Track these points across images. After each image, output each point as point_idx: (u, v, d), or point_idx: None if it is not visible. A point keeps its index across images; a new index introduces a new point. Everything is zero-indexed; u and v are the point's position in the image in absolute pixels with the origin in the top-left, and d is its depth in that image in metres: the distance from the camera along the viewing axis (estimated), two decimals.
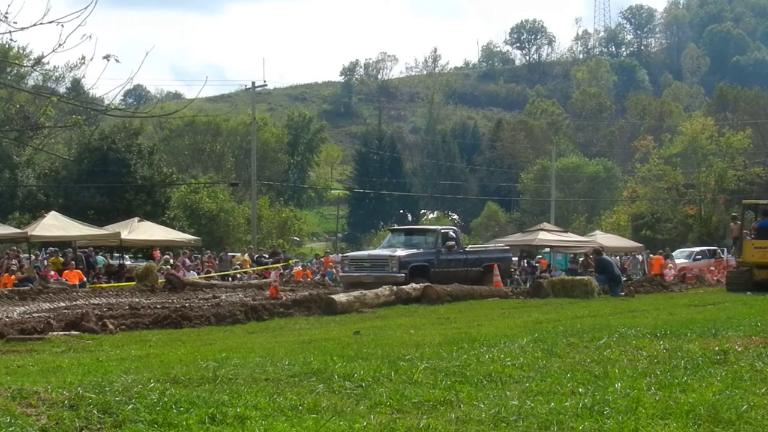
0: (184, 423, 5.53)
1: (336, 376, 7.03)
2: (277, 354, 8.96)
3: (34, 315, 17.02)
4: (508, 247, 31.20)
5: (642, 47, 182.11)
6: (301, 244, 76.56)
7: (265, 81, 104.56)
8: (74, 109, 44.98)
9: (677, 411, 5.81)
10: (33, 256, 31.54)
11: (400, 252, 23.70)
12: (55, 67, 66.70)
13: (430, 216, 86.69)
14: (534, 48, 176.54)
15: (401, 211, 78.42)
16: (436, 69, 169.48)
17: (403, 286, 20.70)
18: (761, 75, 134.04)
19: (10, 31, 7.20)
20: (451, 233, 26.30)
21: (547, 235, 37.46)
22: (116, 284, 26.77)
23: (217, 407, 5.87)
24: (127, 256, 37.16)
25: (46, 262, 29.37)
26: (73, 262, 28.32)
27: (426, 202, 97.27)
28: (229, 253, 37.50)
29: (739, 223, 24.62)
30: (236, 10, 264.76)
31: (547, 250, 40.20)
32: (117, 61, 7.23)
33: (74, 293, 22.56)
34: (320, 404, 6.11)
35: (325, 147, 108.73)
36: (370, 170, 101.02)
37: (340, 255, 34.49)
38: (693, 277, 31.47)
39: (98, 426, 5.54)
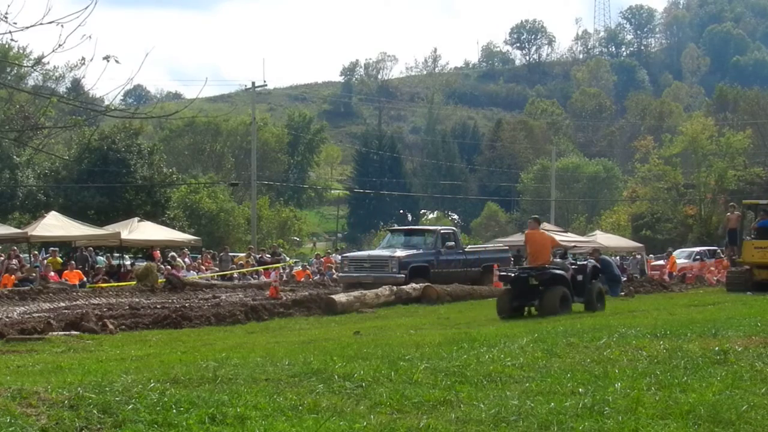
0: (184, 423, 5.53)
1: (336, 376, 7.03)
2: (277, 354, 8.96)
3: (34, 315, 17.02)
4: (507, 248, 31.19)
5: (642, 47, 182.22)
6: (302, 244, 76.57)
7: (265, 81, 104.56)
8: (74, 110, 44.88)
9: (677, 411, 5.81)
10: (33, 257, 31.51)
11: (400, 252, 23.68)
12: (55, 67, 66.73)
13: (430, 216, 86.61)
14: (534, 48, 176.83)
15: (401, 211, 78.31)
16: (436, 69, 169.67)
17: (403, 287, 20.71)
18: (761, 75, 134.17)
19: (10, 32, 7.19)
20: (451, 233, 26.31)
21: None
22: (116, 284, 26.76)
23: (217, 407, 5.88)
24: (127, 256, 37.13)
25: (45, 262, 29.35)
26: (73, 263, 28.31)
27: (426, 202, 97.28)
28: (229, 253, 37.43)
29: (737, 213, 24.47)
30: (235, 10, 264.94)
31: None
32: (117, 62, 7.22)
33: (74, 293, 22.57)
34: (320, 404, 6.11)
35: (325, 147, 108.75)
36: (370, 170, 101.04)
37: (340, 255, 34.43)
38: (693, 277, 31.47)
39: (98, 426, 5.54)
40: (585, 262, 17.06)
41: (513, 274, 16.16)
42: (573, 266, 16.35)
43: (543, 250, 16.10)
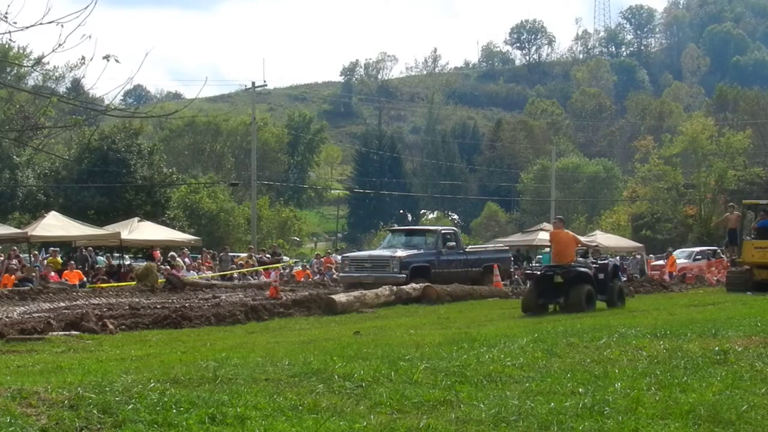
0: (184, 423, 5.54)
1: (336, 376, 7.03)
2: (277, 354, 8.96)
3: (34, 315, 17.01)
4: (507, 248, 31.21)
5: (642, 47, 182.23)
6: (302, 244, 76.55)
7: (265, 81, 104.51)
8: (74, 109, 44.79)
9: (677, 411, 5.81)
10: (33, 257, 31.50)
11: (401, 253, 23.67)
12: (55, 67, 66.76)
13: (430, 216, 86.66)
14: (534, 48, 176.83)
15: (401, 211, 78.36)
16: (436, 69, 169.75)
17: (403, 286, 20.70)
18: (761, 75, 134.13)
19: (10, 32, 7.19)
20: (452, 234, 26.31)
21: (547, 235, 37.40)
22: (116, 284, 26.75)
23: (217, 407, 5.88)
24: (127, 256, 37.13)
25: (45, 262, 29.35)
26: (73, 263, 28.30)
27: (426, 202, 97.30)
28: (229, 253, 37.42)
29: (737, 213, 24.46)
30: (235, 10, 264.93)
31: (547, 250, 40.15)
32: (117, 61, 7.22)
33: (74, 293, 22.55)
34: (320, 404, 6.11)
35: (325, 147, 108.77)
36: (370, 170, 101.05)
37: (340, 255, 34.40)
38: (693, 277, 31.47)
39: (98, 426, 5.54)
40: (606, 261, 17.67)
41: (539, 272, 16.84)
42: (594, 265, 16.89)
43: (567, 249, 16.58)
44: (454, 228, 33.62)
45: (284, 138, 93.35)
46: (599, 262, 17.46)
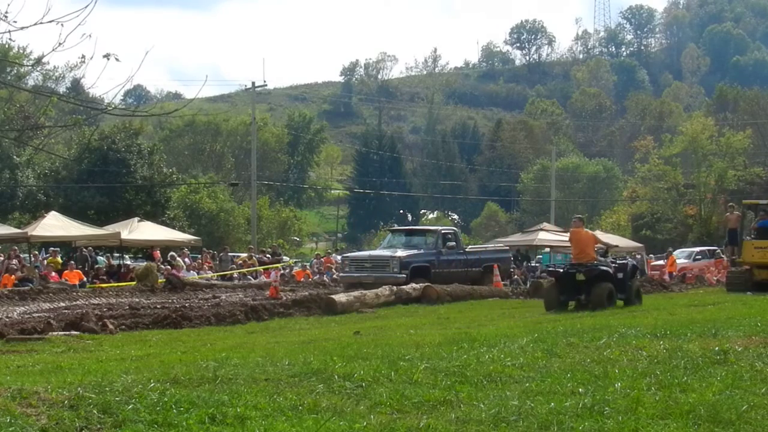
0: (184, 423, 5.54)
1: (336, 376, 7.03)
2: (277, 354, 8.96)
3: (34, 315, 17.00)
4: (507, 248, 31.21)
5: (642, 47, 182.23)
6: (302, 244, 76.55)
7: (265, 81, 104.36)
8: (74, 109, 44.72)
9: (677, 411, 5.81)
10: (33, 257, 31.49)
11: (401, 253, 23.67)
12: (55, 66, 66.83)
13: (430, 216, 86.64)
14: (534, 48, 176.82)
15: (401, 211, 78.36)
16: (436, 69, 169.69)
17: (403, 286, 20.70)
18: (761, 75, 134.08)
19: (9, 31, 7.19)
20: (452, 234, 26.31)
21: (547, 235, 37.47)
22: (116, 284, 26.74)
23: (217, 407, 5.88)
24: (127, 256, 37.12)
25: (45, 262, 29.34)
26: (73, 263, 28.29)
27: (426, 202, 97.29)
28: (229, 253, 37.39)
29: (737, 213, 24.49)
30: (235, 10, 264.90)
31: (547, 250, 40.21)
32: (117, 59, 7.22)
33: (74, 293, 22.55)
34: (320, 404, 6.11)
35: (325, 147, 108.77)
36: (370, 170, 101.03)
37: (339, 255, 34.38)
38: (693, 277, 31.47)
39: (98, 426, 5.54)
40: (625, 261, 18.13)
41: (561, 270, 17.34)
42: (614, 264, 17.28)
43: (587, 247, 16.95)
44: (454, 228, 33.60)
45: (284, 138, 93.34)
46: (618, 261, 17.80)
